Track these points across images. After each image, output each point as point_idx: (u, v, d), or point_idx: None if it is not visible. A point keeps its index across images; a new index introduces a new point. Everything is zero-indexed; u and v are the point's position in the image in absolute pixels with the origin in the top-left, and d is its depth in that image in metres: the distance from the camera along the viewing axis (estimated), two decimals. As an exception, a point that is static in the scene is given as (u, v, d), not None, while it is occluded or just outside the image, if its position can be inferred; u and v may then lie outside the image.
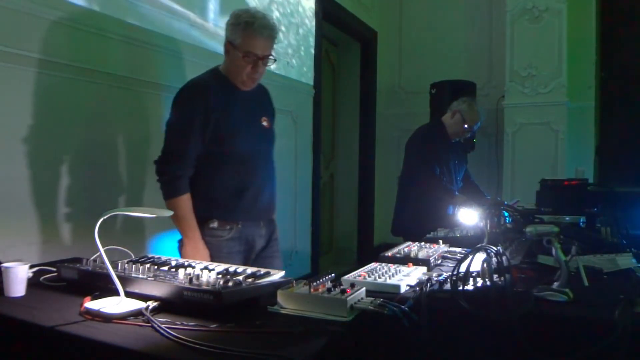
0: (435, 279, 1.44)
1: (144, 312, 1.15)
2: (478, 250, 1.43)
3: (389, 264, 1.61)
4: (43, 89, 1.97)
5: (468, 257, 1.37)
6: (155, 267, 1.41)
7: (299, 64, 3.86)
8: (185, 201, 1.84)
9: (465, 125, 3.14)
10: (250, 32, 1.86)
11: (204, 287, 1.21)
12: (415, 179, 3.11)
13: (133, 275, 1.32)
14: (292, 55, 3.76)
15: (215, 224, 1.91)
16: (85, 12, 2.12)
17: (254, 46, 1.87)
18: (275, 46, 1.96)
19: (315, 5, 4.06)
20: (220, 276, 1.32)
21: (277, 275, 1.39)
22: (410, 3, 5.39)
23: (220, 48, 2.10)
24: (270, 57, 1.92)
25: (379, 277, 1.44)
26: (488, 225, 2.01)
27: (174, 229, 1.89)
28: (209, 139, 1.87)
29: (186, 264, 1.48)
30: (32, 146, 1.94)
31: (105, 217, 1.21)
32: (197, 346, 0.97)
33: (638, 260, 1.68)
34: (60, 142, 2.05)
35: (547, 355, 1.07)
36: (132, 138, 2.35)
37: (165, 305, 1.20)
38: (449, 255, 1.80)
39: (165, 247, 2.25)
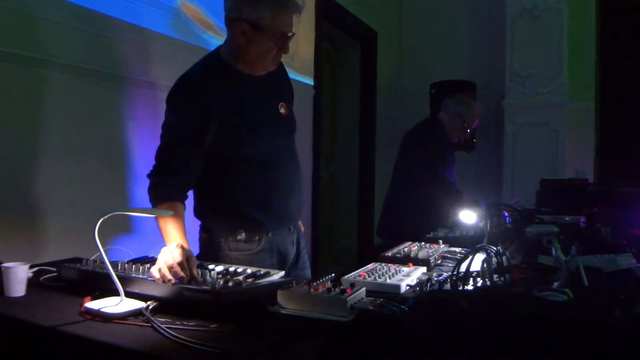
0: (435, 279, 1.44)
1: (144, 312, 1.15)
2: (478, 250, 1.43)
3: (389, 264, 1.61)
4: (44, 89, 1.97)
5: (468, 257, 1.37)
6: (155, 267, 1.41)
7: (299, 64, 3.86)
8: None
9: (468, 130, 3.12)
10: (282, 8, 1.54)
11: (204, 287, 1.21)
12: (419, 178, 3.04)
13: (133, 275, 1.33)
14: (292, 55, 3.76)
15: (242, 236, 1.70)
16: (85, 13, 2.12)
17: (286, 25, 1.56)
18: None
19: (315, 6, 4.06)
20: (220, 276, 1.32)
21: (277, 275, 1.40)
22: (410, 3, 5.38)
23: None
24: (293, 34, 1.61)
25: (379, 277, 1.44)
26: (488, 225, 2.01)
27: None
28: (217, 142, 1.62)
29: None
30: (32, 145, 1.94)
31: (105, 217, 1.20)
32: (197, 346, 0.97)
33: (638, 260, 1.68)
34: (60, 142, 2.04)
35: (547, 355, 1.07)
36: (134, 137, 2.35)
37: (165, 305, 1.20)
38: (449, 255, 1.80)
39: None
